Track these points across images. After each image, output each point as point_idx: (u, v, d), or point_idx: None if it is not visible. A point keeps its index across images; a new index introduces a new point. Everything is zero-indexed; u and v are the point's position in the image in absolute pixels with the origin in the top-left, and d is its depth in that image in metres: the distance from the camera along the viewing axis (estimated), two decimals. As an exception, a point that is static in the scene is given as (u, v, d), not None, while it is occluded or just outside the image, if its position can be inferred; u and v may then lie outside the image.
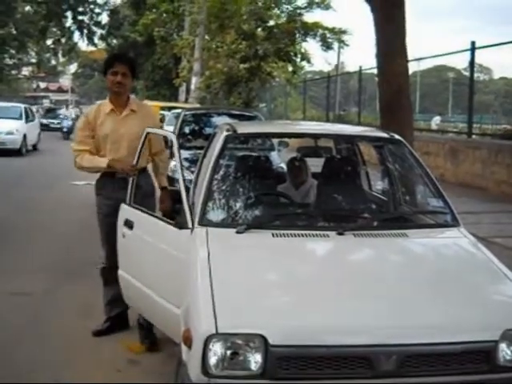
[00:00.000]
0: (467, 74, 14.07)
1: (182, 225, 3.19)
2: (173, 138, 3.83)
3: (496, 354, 2.40)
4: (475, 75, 12.82)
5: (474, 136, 11.85)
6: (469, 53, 11.39)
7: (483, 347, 2.41)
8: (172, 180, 7.63)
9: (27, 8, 39.28)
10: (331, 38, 18.52)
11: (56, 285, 5.25)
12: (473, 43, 11.21)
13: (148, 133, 3.91)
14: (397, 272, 2.89)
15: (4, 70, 42.25)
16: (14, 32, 38.08)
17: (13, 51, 40.87)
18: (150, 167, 4.33)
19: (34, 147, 20.07)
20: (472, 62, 11.60)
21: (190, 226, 3.13)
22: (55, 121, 32.52)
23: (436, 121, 24.28)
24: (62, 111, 29.60)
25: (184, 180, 3.38)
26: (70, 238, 7.01)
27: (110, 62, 4.03)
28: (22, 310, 4.62)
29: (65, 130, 26.26)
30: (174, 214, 3.96)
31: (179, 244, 3.14)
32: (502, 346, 2.42)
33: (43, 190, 10.72)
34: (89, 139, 4.02)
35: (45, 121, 31.05)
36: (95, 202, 4.22)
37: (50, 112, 35.86)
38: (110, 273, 4.04)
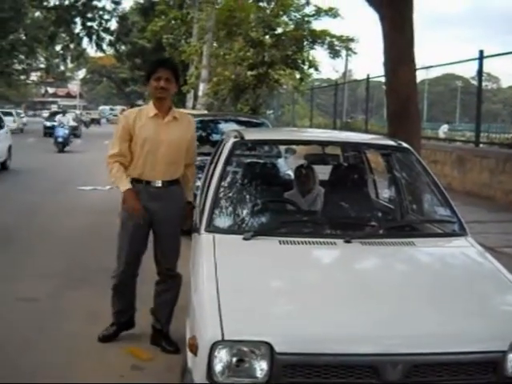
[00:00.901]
0: (475, 82, 14.05)
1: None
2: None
3: (504, 365, 2.38)
4: (483, 84, 12.78)
5: (481, 145, 11.81)
6: (477, 62, 11.38)
7: (491, 358, 2.38)
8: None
9: (37, 14, 39.59)
10: (339, 45, 18.52)
11: (61, 290, 5.25)
12: (481, 52, 11.20)
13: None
14: (404, 281, 2.88)
15: (13, 75, 42.53)
16: (24, 37, 38.34)
17: (22, 56, 41.15)
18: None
19: (3, 166, 14.53)
20: (480, 71, 11.59)
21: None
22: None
23: (444, 129, 24.23)
24: (58, 117, 23.69)
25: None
26: (76, 244, 7.01)
27: (153, 68, 3.90)
28: (27, 315, 4.62)
29: (59, 140, 21.38)
30: None
31: None
32: (511, 356, 2.39)
33: (50, 195, 10.75)
34: (125, 144, 3.87)
35: (48, 123, 29.99)
36: (120, 210, 3.97)
37: (55, 115, 35.19)
38: (123, 282, 3.99)
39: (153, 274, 4.11)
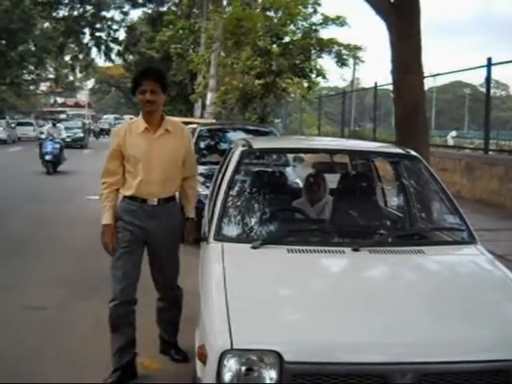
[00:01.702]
0: (483, 89, 14.03)
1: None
2: None
3: (514, 374, 2.36)
4: (492, 91, 12.75)
5: (490, 152, 11.78)
6: (485, 69, 11.37)
7: (501, 366, 2.36)
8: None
9: (46, 24, 39.94)
10: (346, 54, 18.54)
11: (70, 299, 5.27)
12: (489, 59, 11.20)
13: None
14: (413, 289, 2.87)
15: (22, 85, 42.87)
16: (33, 48, 38.68)
17: (31, 67, 41.49)
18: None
19: None
20: (488, 78, 11.58)
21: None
22: (66, 134, 28.59)
23: (452, 134, 24.22)
24: (46, 128, 18.22)
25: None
26: (84, 253, 7.03)
27: (137, 80, 3.68)
28: (36, 324, 4.64)
29: (48, 158, 16.16)
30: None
31: None
32: (521, 365, 2.37)
33: (58, 204, 10.80)
34: (117, 162, 3.67)
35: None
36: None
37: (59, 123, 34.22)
38: (121, 313, 3.66)
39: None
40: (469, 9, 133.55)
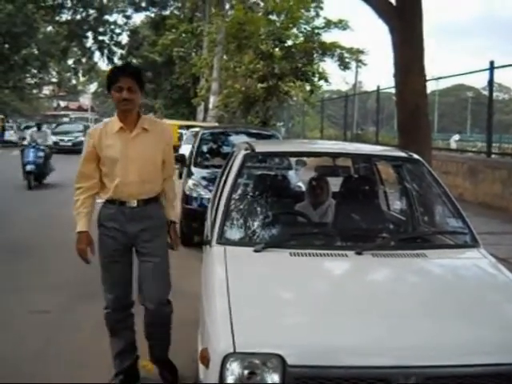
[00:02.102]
0: (486, 93, 14.02)
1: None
2: None
3: (518, 378, 2.36)
4: (494, 94, 12.74)
5: (493, 155, 11.77)
6: (487, 72, 11.37)
7: (504, 370, 2.35)
8: (190, 198, 7.72)
9: (49, 28, 40.08)
10: (349, 57, 18.56)
11: (73, 303, 5.27)
12: (491, 63, 11.20)
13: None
14: (416, 292, 2.86)
15: (25, 88, 42.98)
16: (36, 52, 38.80)
17: (34, 70, 41.60)
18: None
19: None
20: (491, 81, 11.57)
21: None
22: (66, 137, 27.17)
23: (455, 138, 24.19)
24: (29, 132, 15.09)
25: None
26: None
27: (112, 77, 3.44)
28: (40, 328, 4.64)
29: (29, 168, 13.53)
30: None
31: None
32: (524, 369, 2.37)
33: (59, 207, 10.72)
34: (91, 165, 3.49)
35: (54, 138, 21.58)
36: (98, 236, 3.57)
37: (60, 126, 31.34)
38: (117, 318, 3.61)
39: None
40: (471, 11, 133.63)
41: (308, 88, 19.53)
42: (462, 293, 2.85)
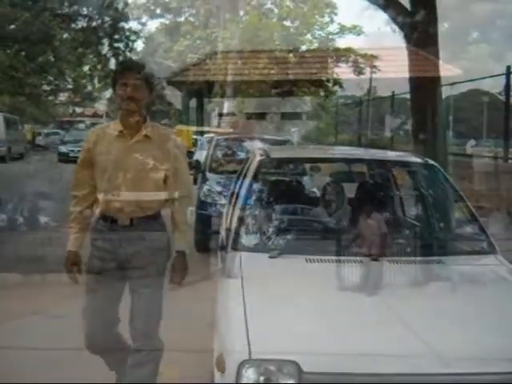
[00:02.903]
0: (502, 97, 13.93)
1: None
2: None
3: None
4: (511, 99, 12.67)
5: (510, 161, 11.66)
6: (503, 77, 11.31)
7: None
8: (204, 204, 7.73)
9: (65, 35, 40.44)
10: (363, 63, 18.55)
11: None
12: (508, 67, 11.15)
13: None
14: (432, 300, 2.85)
15: (41, 95, 43.33)
16: (53, 59, 39.13)
17: (51, 78, 41.95)
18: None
19: None
20: (508, 86, 11.50)
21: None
22: (76, 148, 21.29)
23: (471, 143, 24.01)
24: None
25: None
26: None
27: (118, 72, 3.07)
28: (52, 332, 4.65)
29: None
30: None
31: None
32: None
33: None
34: (86, 172, 3.06)
35: (63, 149, 20.67)
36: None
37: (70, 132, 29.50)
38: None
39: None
40: (482, 16, 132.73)
41: (322, 94, 19.53)
42: (478, 300, 2.84)
